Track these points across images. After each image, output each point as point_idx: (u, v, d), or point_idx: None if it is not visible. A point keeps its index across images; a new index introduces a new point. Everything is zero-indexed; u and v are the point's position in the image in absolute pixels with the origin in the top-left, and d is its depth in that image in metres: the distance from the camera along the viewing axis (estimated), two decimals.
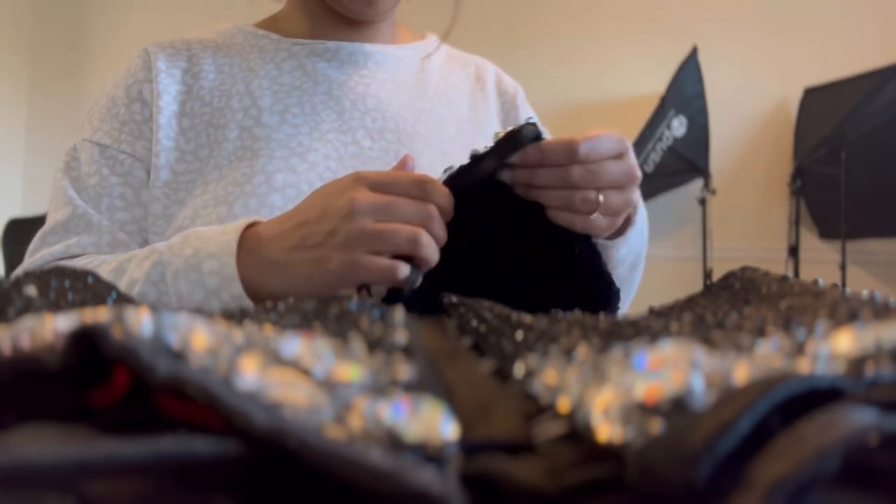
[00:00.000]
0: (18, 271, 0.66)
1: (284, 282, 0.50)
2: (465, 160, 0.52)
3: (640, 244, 0.65)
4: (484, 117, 0.81)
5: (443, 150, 0.74)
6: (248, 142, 0.68)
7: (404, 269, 0.49)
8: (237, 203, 0.64)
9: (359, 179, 0.50)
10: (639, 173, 0.54)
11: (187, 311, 0.28)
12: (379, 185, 0.50)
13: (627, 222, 0.61)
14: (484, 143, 0.54)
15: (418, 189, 0.50)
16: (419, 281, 0.50)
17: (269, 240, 0.52)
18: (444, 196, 0.50)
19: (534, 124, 0.51)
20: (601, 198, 0.51)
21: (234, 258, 0.51)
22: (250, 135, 0.69)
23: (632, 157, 0.54)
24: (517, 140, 0.50)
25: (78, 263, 0.63)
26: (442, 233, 0.50)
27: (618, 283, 0.56)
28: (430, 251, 0.49)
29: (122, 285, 0.56)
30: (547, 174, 0.51)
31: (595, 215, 0.52)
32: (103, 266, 0.60)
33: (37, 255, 0.67)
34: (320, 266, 0.49)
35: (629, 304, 0.77)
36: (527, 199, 0.53)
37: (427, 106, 0.77)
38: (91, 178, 0.69)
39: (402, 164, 0.55)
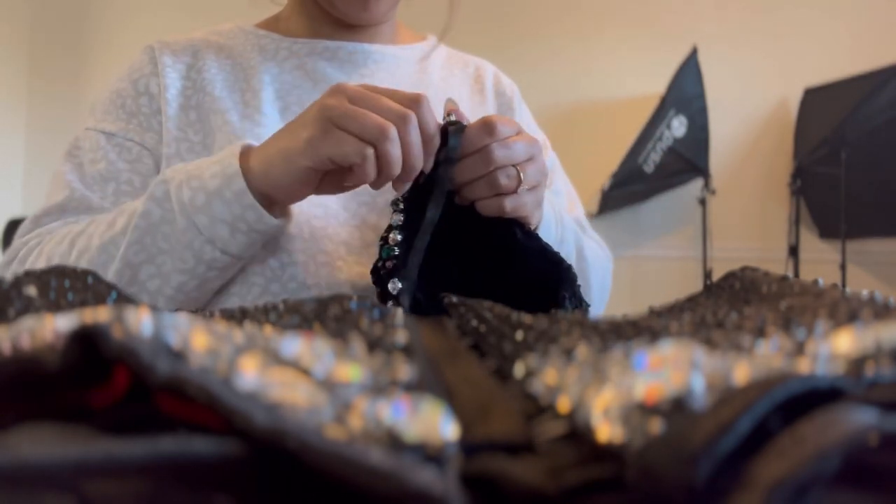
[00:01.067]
0: (7, 254, 0.65)
1: (269, 167, 0.53)
2: None
3: (558, 245, 0.66)
4: (479, 107, 0.81)
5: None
6: (249, 139, 0.68)
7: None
8: None
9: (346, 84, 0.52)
10: (537, 141, 0.57)
11: (187, 312, 0.28)
12: (369, 87, 0.51)
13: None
14: None
15: (406, 98, 0.51)
16: (399, 287, 0.50)
17: (261, 145, 0.55)
18: (432, 117, 0.51)
19: (454, 123, 0.53)
20: (521, 172, 0.54)
21: (236, 158, 0.54)
22: (252, 134, 0.69)
23: (525, 133, 0.56)
24: (444, 139, 0.52)
25: (76, 223, 0.62)
26: (415, 141, 0.50)
27: None
28: (395, 150, 0.49)
29: (124, 216, 0.57)
30: (471, 162, 0.53)
31: (520, 189, 0.54)
32: (103, 216, 0.60)
33: (27, 236, 0.65)
34: (293, 138, 0.51)
35: (605, 305, 0.79)
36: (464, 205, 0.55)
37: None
38: (97, 163, 0.68)
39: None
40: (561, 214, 0.68)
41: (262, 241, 0.57)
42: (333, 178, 0.53)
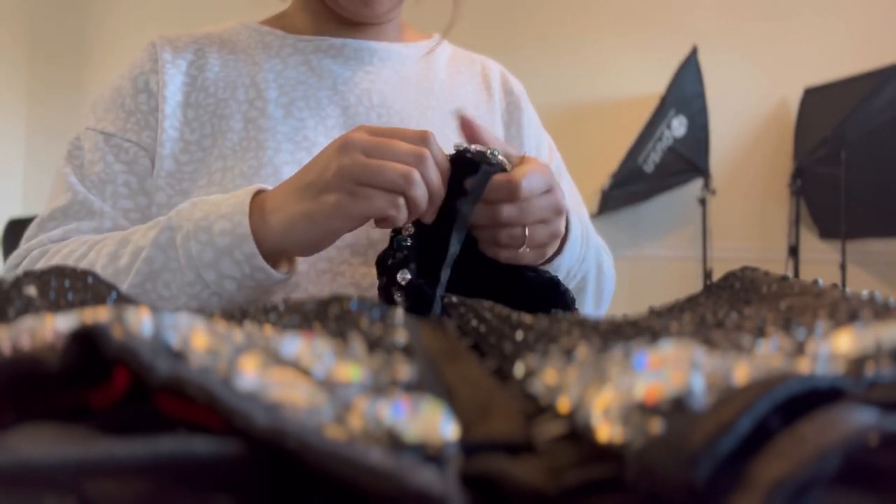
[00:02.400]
0: (12, 259, 0.65)
1: (290, 230, 0.51)
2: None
3: (579, 265, 0.66)
4: (489, 117, 0.80)
5: (449, 148, 0.73)
6: (253, 132, 0.68)
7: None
8: None
9: (356, 128, 0.51)
10: (564, 206, 0.55)
11: (187, 312, 0.28)
12: (374, 131, 0.50)
13: (561, 247, 0.61)
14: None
15: (414, 137, 0.50)
16: (409, 278, 0.50)
17: (274, 196, 0.53)
18: (440, 150, 0.51)
19: (472, 153, 0.51)
20: (527, 232, 0.52)
21: (246, 217, 0.51)
22: (255, 126, 0.68)
23: (558, 190, 0.55)
24: (467, 163, 0.51)
25: (81, 241, 0.62)
26: (436, 178, 0.50)
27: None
28: (421, 192, 0.49)
29: (126, 254, 0.55)
30: (480, 210, 0.52)
31: (522, 249, 0.53)
32: (106, 240, 0.59)
33: (33, 241, 0.65)
34: (317, 203, 0.49)
35: (606, 309, 0.79)
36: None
37: (433, 102, 0.76)
38: (95, 165, 0.68)
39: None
40: (588, 233, 0.67)
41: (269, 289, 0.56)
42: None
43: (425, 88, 0.77)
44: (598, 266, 0.71)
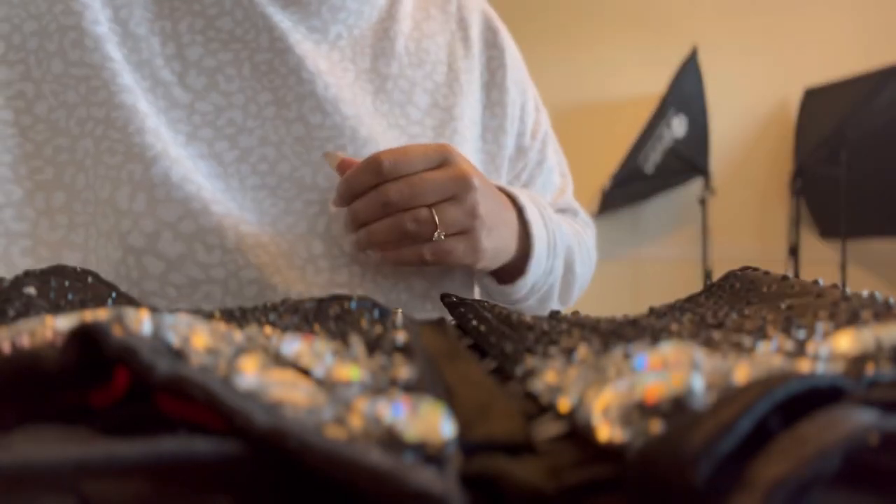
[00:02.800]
0: None
1: None
2: (436, 141, 0.49)
3: (545, 278, 0.59)
4: (465, 79, 0.63)
5: (410, 134, 0.58)
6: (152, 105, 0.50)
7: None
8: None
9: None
10: (474, 180, 0.47)
11: (187, 312, 0.28)
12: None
13: (524, 266, 0.55)
14: (463, 113, 0.50)
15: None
16: None
17: None
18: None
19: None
20: (434, 214, 0.45)
21: None
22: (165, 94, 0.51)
23: (461, 163, 0.47)
24: None
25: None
26: None
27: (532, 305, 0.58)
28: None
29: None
30: (364, 204, 0.46)
31: (437, 235, 0.46)
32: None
33: None
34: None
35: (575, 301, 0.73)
36: None
37: (393, 69, 0.59)
38: None
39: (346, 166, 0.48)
40: (556, 238, 0.59)
41: None
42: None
43: (385, 49, 0.60)
44: (569, 266, 0.64)
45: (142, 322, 0.18)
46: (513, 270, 0.56)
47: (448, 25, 0.66)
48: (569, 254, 0.63)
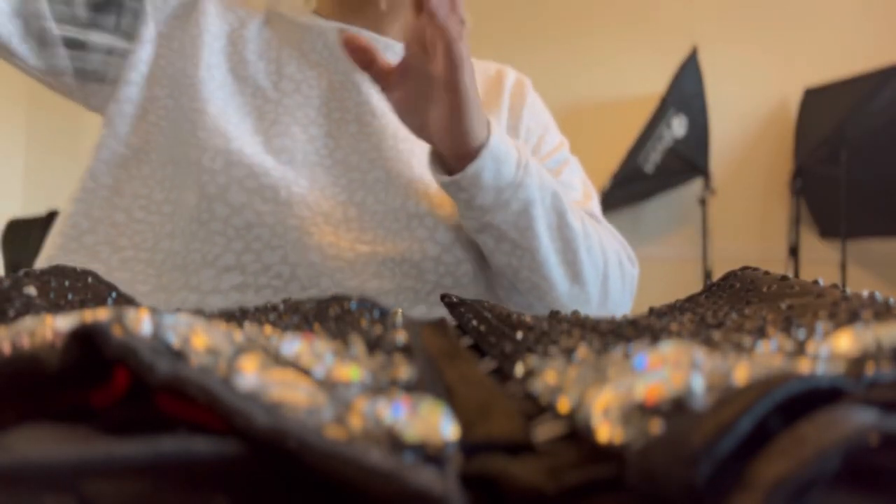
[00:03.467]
0: None
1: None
2: None
3: (516, 187, 0.59)
4: (495, 109, 0.79)
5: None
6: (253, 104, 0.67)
7: None
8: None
9: None
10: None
11: (187, 312, 0.28)
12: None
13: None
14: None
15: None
16: None
17: None
18: None
19: None
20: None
21: None
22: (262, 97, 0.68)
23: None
24: None
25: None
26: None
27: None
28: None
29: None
30: (415, 25, 0.53)
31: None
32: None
33: None
34: None
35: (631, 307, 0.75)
36: None
37: None
38: None
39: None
40: (528, 162, 0.61)
41: None
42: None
43: None
44: (560, 216, 0.63)
45: (141, 322, 0.18)
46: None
47: (482, 78, 0.82)
48: (559, 202, 0.62)
